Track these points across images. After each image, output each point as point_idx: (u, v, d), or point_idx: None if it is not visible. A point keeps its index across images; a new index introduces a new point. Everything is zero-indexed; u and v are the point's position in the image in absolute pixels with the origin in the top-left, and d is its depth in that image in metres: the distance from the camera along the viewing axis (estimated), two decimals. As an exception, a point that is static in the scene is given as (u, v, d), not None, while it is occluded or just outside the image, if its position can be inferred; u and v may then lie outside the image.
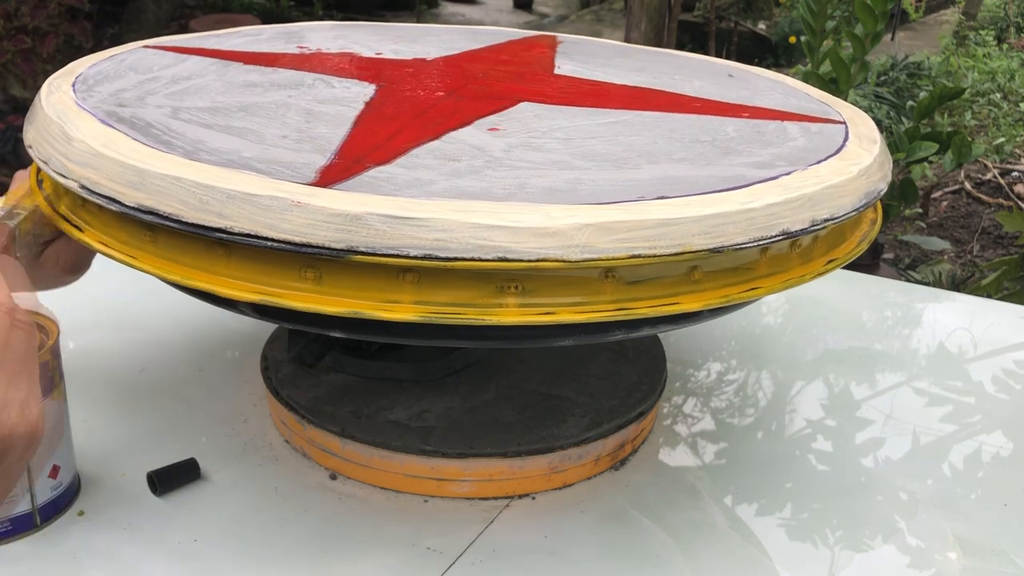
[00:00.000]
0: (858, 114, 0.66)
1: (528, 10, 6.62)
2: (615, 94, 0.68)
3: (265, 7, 4.99)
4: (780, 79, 0.76)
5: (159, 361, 0.76)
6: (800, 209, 0.49)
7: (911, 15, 5.15)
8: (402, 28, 0.90)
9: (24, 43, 2.92)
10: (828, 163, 0.54)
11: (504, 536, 0.59)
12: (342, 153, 0.52)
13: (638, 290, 0.48)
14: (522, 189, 0.48)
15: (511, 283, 0.46)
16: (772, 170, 0.53)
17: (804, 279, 0.52)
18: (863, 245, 0.58)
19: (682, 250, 0.46)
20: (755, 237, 0.47)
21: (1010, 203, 2.91)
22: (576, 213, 0.45)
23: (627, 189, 0.49)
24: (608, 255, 0.45)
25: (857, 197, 0.53)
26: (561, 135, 0.57)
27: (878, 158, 0.57)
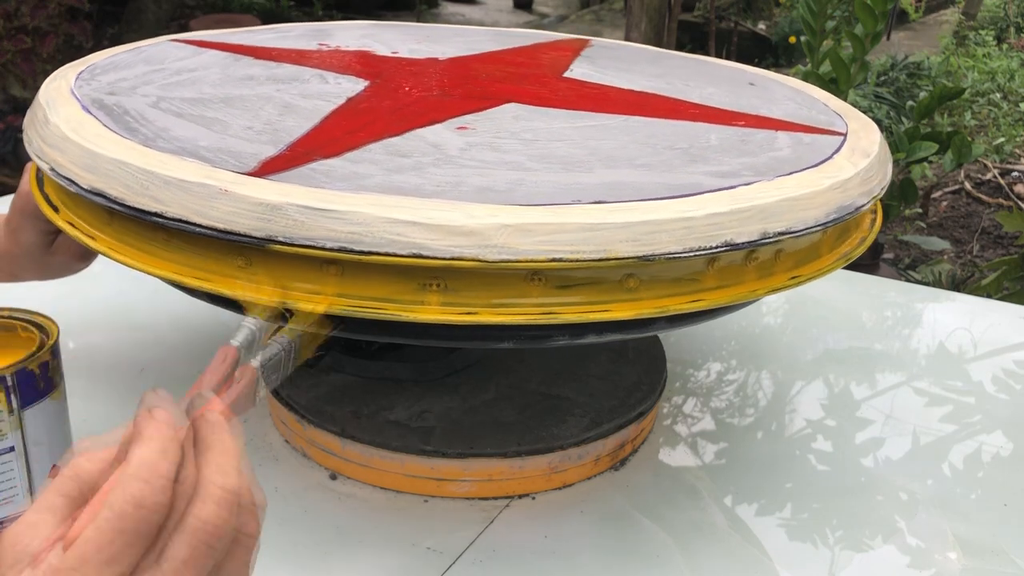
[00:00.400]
0: (866, 127, 0.63)
1: (528, 10, 6.62)
2: (615, 99, 0.67)
3: (265, 7, 4.99)
4: (802, 89, 0.74)
5: (159, 361, 0.76)
6: (748, 220, 0.47)
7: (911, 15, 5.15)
8: (432, 29, 0.90)
9: (24, 43, 2.92)
10: (801, 175, 0.52)
11: (504, 536, 0.59)
12: (295, 145, 0.53)
13: (567, 295, 0.46)
14: (456, 187, 0.48)
15: (433, 281, 0.46)
16: (734, 179, 0.51)
17: (757, 294, 0.50)
18: (839, 263, 0.55)
19: (607, 256, 0.44)
20: (691, 247, 0.46)
21: (1010, 203, 2.91)
22: (498, 213, 0.44)
23: (566, 192, 0.48)
24: (527, 257, 0.44)
25: (825, 211, 0.50)
26: (529, 136, 0.57)
27: (863, 172, 0.54)
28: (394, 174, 0.49)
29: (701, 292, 0.49)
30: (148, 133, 0.53)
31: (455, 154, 0.53)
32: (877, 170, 0.56)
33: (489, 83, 0.69)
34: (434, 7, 6.27)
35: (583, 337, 0.50)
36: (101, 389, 0.72)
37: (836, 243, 0.56)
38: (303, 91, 0.64)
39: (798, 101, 0.69)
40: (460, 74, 0.71)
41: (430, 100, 0.64)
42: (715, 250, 0.46)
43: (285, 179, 0.47)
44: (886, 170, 0.58)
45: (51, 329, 0.57)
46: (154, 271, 0.49)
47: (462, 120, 0.59)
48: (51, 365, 0.55)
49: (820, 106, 0.69)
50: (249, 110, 0.59)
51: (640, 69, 0.76)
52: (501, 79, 0.70)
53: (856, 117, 0.66)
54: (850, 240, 0.58)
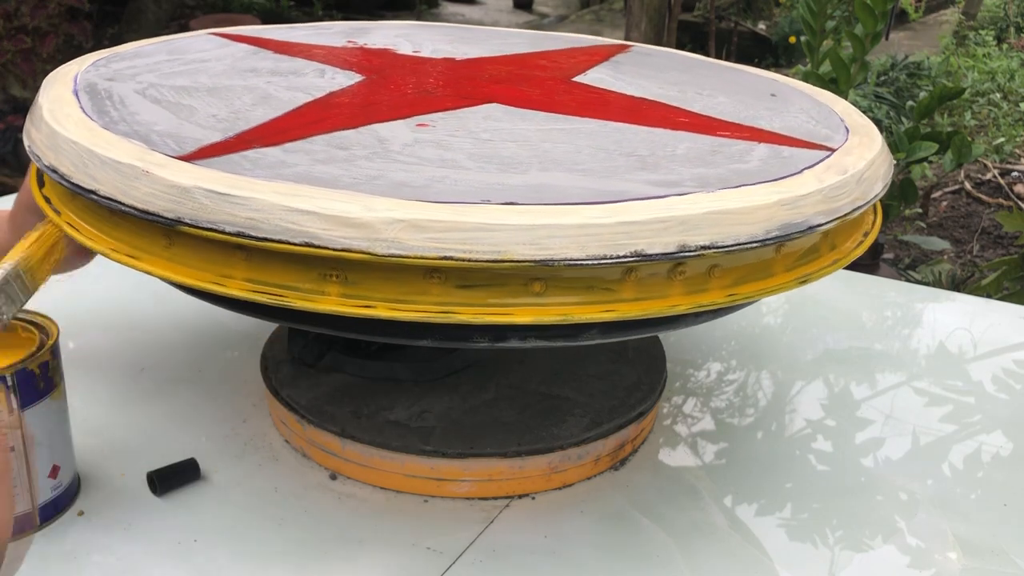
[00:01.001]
0: (863, 144, 0.59)
1: (528, 10, 6.62)
2: (610, 104, 0.66)
3: (265, 7, 4.99)
4: (827, 102, 0.70)
5: (159, 361, 0.76)
6: (665, 231, 0.45)
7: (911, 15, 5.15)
8: (469, 30, 0.90)
9: (24, 43, 2.92)
10: (751, 188, 0.50)
11: (504, 536, 0.59)
12: (244, 133, 0.54)
13: (467, 295, 0.46)
14: (372, 180, 0.48)
15: (333, 272, 0.46)
16: (671, 188, 0.49)
17: (677, 308, 0.48)
18: (793, 284, 0.52)
19: (503, 258, 0.44)
20: (594, 254, 0.44)
21: (1010, 203, 2.91)
22: (396, 208, 0.44)
23: (483, 191, 0.47)
24: (418, 253, 0.44)
25: (765, 227, 0.48)
26: (486, 136, 0.57)
27: (828, 190, 0.51)
28: (319, 165, 0.50)
29: (615, 303, 0.47)
30: (115, 116, 0.55)
31: (396, 149, 0.53)
32: (852, 189, 0.53)
33: (484, 83, 0.69)
34: (434, 7, 6.27)
35: (505, 340, 0.50)
36: (101, 389, 0.72)
37: (796, 262, 0.53)
38: (293, 84, 0.65)
39: (812, 114, 0.66)
40: (461, 74, 0.71)
41: (409, 97, 0.64)
42: (623, 259, 0.45)
43: (210, 164, 0.49)
44: (866, 189, 0.54)
45: (51, 329, 0.57)
46: (96, 247, 0.52)
47: (428, 117, 0.59)
48: (51, 365, 0.55)
49: (835, 121, 0.65)
50: (226, 99, 0.61)
51: (662, 76, 0.75)
52: (500, 80, 0.70)
53: (865, 134, 0.62)
54: (818, 260, 0.54)
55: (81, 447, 0.61)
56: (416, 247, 0.44)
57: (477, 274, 0.46)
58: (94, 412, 0.68)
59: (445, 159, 0.52)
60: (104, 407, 0.69)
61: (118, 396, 0.71)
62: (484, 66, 0.74)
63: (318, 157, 0.51)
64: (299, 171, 0.49)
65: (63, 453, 0.58)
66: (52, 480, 0.57)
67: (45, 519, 0.57)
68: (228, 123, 0.56)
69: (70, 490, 0.59)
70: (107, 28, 4.17)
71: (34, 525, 0.56)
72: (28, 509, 0.56)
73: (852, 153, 0.57)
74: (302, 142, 0.53)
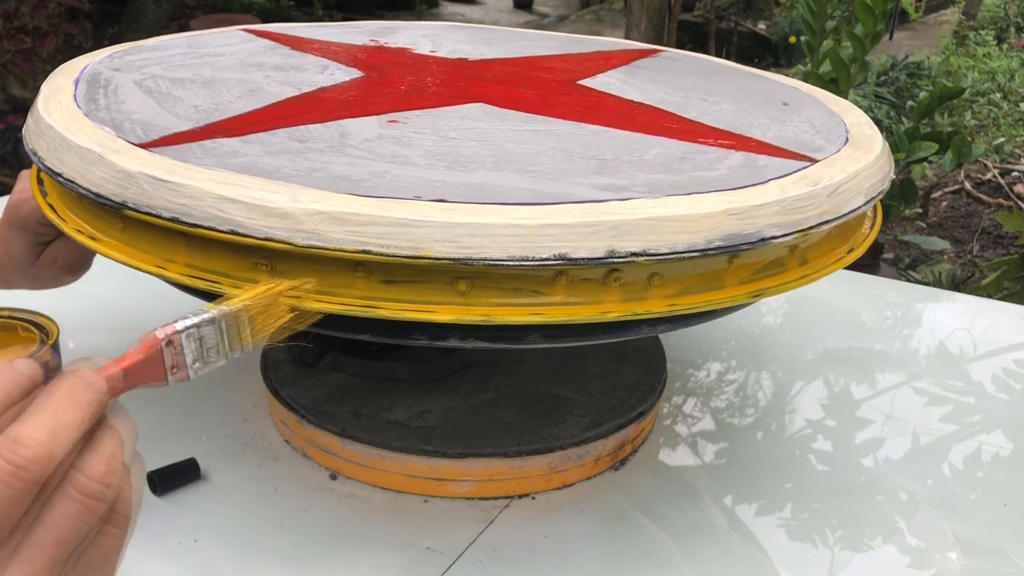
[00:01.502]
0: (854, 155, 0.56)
1: (528, 10, 6.62)
2: (606, 108, 0.65)
3: (265, 7, 4.99)
4: (841, 112, 0.67)
5: (159, 361, 0.76)
6: (593, 236, 0.45)
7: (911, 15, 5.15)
8: (498, 32, 0.90)
9: (24, 43, 2.92)
10: (701, 196, 0.48)
11: (504, 536, 0.59)
12: (213, 124, 0.56)
13: (391, 291, 0.46)
14: (312, 173, 0.48)
15: (264, 261, 0.46)
16: (616, 193, 0.48)
17: (609, 315, 0.47)
18: (744, 298, 0.50)
19: (421, 255, 0.44)
20: (515, 256, 0.44)
21: (1010, 203, 2.91)
22: (322, 200, 0.45)
23: (420, 188, 0.47)
24: (336, 246, 0.44)
25: (706, 236, 0.46)
26: (453, 135, 0.56)
27: (789, 201, 0.49)
28: (268, 156, 0.51)
29: (544, 306, 0.47)
30: (101, 104, 0.57)
31: (355, 144, 0.54)
32: (820, 202, 0.51)
33: (481, 84, 0.69)
34: (434, 7, 6.27)
35: (444, 339, 0.50)
36: (101, 389, 0.72)
37: (754, 275, 0.51)
38: (288, 79, 0.66)
39: (817, 124, 0.64)
40: (463, 74, 0.71)
41: (396, 95, 0.64)
42: (547, 262, 0.44)
43: (164, 152, 0.50)
44: (840, 203, 0.52)
45: (51, 329, 0.57)
46: (65, 228, 0.54)
47: (404, 115, 0.60)
48: (51, 365, 0.55)
49: (838, 132, 0.62)
50: (216, 91, 0.62)
51: (675, 81, 0.74)
52: (501, 81, 0.70)
53: (864, 145, 0.59)
54: (781, 274, 0.52)
55: (81, 447, 0.61)
56: (335, 239, 0.44)
57: (402, 270, 0.46)
58: (94, 412, 0.68)
59: (398, 155, 0.52)
60: (104, 407, 0.69)
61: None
62: (492, 67, 0.74)
63: (272, 149, 0.52)
64: (245, 161, 0.50)
65: (63, 453, 0.57)
66: (52, 480, 0.57)
67: (45, 519, 0.57)
68: (205, 113, 0.57)
69: (70, 490, 0.59)
70: (107, 28, 4.17)
71: (34, 525, 0.56)
72: (28, 509, 0.55)
73: (835, 165, 0.54)
74: (265, 134, 0.54)
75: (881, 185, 0.56)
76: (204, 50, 0.73)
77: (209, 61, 0.70)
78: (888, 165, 0.59)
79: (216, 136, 0.53)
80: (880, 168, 0.57)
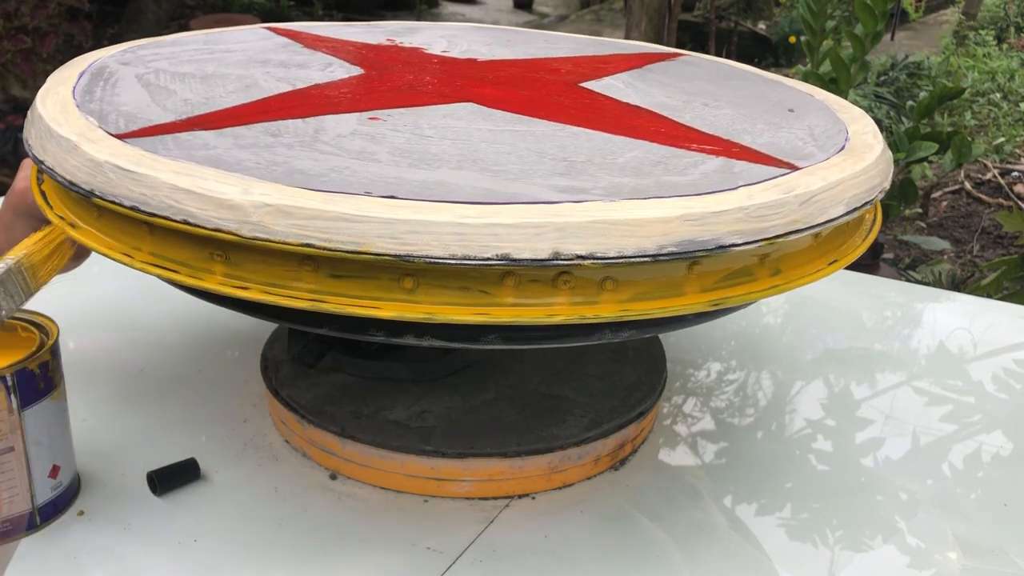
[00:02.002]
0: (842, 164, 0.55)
1: (528, 10, 6.62)
2: (598, 110, 0.65)
3: (265, 7, 4.99)
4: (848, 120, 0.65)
5: (159, 361, 0.76)
6: (538, 237, 0.44)
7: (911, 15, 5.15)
8: (519, 33, 0.89)
9: (24, 43, 2.92)
10: (660, 200, 0.47)
11: (504, 536, 0.59)
12: (195, 117, 0.57)
13: (338, 286, 0.46)
14: (272, 166, 0.49)
15: (219, 252, 0.47)
16: (574, 195, 0.48)
17: (556, 318, 0.47)
18: (702, 307, 0.49)
19: (362, 250, 0.44)
20: (456, 254, 0.44)
21: (1010, 203, 2.91)
22: (270, 193, 0.45)
23: (374, 184, 0.48)
24: (280, 239, 0.45)
25: (657, 242, 0.46)
26: (431, 133, 0.56)
27: (753, 208, 0.48)
28: (235, 149, 0.51)
29: (490, 307, 0.46)
30: (96, 96, 0.59)
31: (326, 140, 0.54)
32: (791, 211, 0.49)
33: (478, 84, 0.68)
34: (434, 7, 6.27)
35: (401, 336, 0.50)
36: (101, 389, 0.72)
37: (718, 283, 0.50)
38: (287, 75, 0.67)
39: (816, 132, 0.62)
40: (465, 74, 0.71)
41: (386, 93, 0.65)
42: (489, 262, 0.44)
43: (136, 143, 0.51)
44: (813, 212, 0.50)
45: (51, 329, 0.57)
46: (50, 215, 0.55)
47: (387, 112, 0.60)
48: (51, 365, 0.55)
49: (836, 140, 0.60)
50: (211, 86, 0.63)
51: (682, 85, 0.73)
52: (500, 82, 0.70)
53: (856, 154, 0.57)
54: (749, 284, 0.51)
55: (81, 447, 0.61)
56: (280, 232, 0.45)
57: (348, 265, 0.46)
58: (94, 412, 0.68)
59: (365, 151, 0.52)
60: (104, 407, 0.69)
61: (118, 396, 0.71)
62: (498, 68, 0.74)
63: (243, 142, 0.53)
64: (211, 154, 0.50)
65: (63, 453, 0.57)
66: (52, 480, 0.57)
67: (45, 519, 0.57)
68: (193, 107, 0.58)
69: (70, 490, 0.59)
70: (107, 28, 4.17)
71: (34, 525, 0.56)
72: (28, 509, 0.56)
73: (817, 173, 0.53)
74: (242, 128, 0.55)
75: (868, 196, 0.54)
76: (218, 46, 0.74)
77: (218, 57, 0.70)
78: (881, 176, 0.57)
79: (194, 129, 0.54)
80: (868, 178, 0.55)
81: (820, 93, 0.74)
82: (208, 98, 0.60)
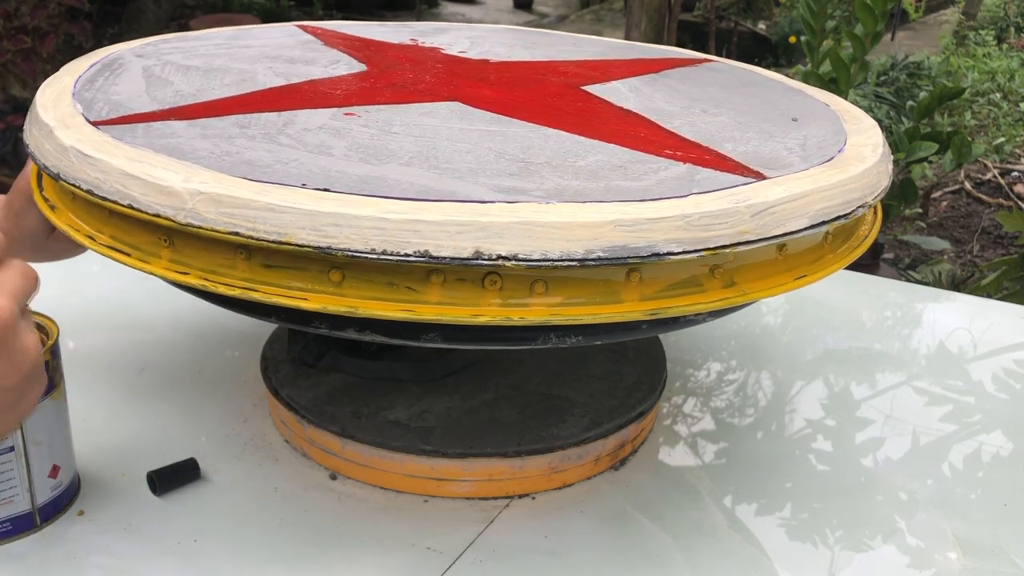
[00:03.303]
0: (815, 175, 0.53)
1: (528, 10, 6.62)
2: (589, 113, 0.64)
3: (265, 7, 4.99)
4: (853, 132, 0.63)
5: (159, 361, 0.76)
6: (460, 235, 0.44)
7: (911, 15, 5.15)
8: (546, 35, 0.88)
9: (24, 43, 2.92)
10: (597, 204, 0.47)
11: (504, 536, 0.59)
12: (176, 108, 0.58)
13: (269, 275, 0.47)
14: (223, 156, 0.50)
15: (165, 237, 0.49)
16: (514, 195, 0.47)
17: (480, 319, 0.46)
18: (637, 315, 0.48)
19: (285, 240, 0.45)
20: (376, 249, 0.44)
21: (1010, 203, 2.91)
22: (209, 181, 0.46)
23: (315, 177, 0.48)
24: (210, 225, 0.46)
25: (585, 246, 0.45)
26: (397, 130, 0.57)
27: (696, 217, 0.47)
28: (197, 140, 0.53)
29: (415, 304, 0.47)
30: (97, 86, 0.61)
31: (291, 133, 0.55)
32: (740, 221, 0.48)
33: (472, 84, 0.68)
34: (434, 7, 6.27)
35: (343, 329, 0.50)
36: (101, 389, 0.72)
37: (660, 292, 0.49)
38: (288, 70, 0.68)
39: (809, 142, 0.60)
40: (465, 73, 0.71)
41: (375, 89, 0.65)
42: (408, 258, 0.44)
43: (107, 130, 0.53)
44: (768, 223, 0.48)
45: (51, 329, 0.57)
46: (36, 198, 0.58)
47: (365, 108, 0.60)
48: (51, 365, 0.55)
49: (826, 152, 0.58)
50: (210, 79, 0.65)
51: (691, 91, 0.71)
52: (498, 83, 0.70)
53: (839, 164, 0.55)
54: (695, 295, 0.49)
55: (81, 447, 0.61)
56: (211, 219, 0.46)
57: (279, 255, 0.47)
58: (94, 412, 0.68)
59: (323, 145, 0.53)
60: (104, 407, 0.69)
61: (118, 396, 0.71)
62: (506, 69, 0.74)
63: (208, 132, 0.54)
64: (172, 142, 0.52)
65: (63, 453, 0.58)
66: (52, 480, 0.57)
67: (45, 519, 0.57)
68: (181, 98, 0.60)
69: (70, 490, 0.59)
70: (107, 28, 4.17)
71: (34, 525, 0.56)
72: (28, 509, 0.56)
73: (783, 184, 0.51)
74: (215, 119, 0.56)
75: (841, 210, 0.52)
76: (239, 43, 0.75)
77: (233, 52, 0.72)
78: (863, 190, 0.54)
79: (169, 119, 0.56)
80: (844, 191, 0.52)
81: (838, 103, 0.71)
82: (200, 90, 0.62)
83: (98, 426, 0.67)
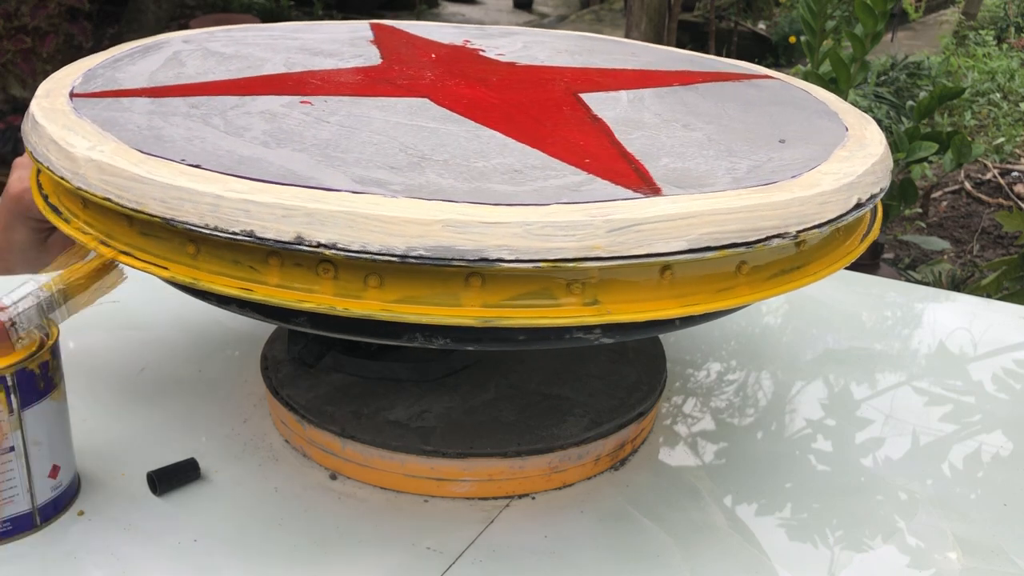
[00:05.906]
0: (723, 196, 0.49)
1: (528, 10, 6.62)
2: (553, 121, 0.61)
3: (265, 7, 4.99)
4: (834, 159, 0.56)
5: (159, 361, 0.76)
6: (285, 219, 0.45)
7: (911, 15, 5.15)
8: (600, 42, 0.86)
9: (24, 43, 2.92)
10: (440, 203, 0.46)
11: (504, 536, 0.59)
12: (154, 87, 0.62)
13: (142, 242, 0.51)
14: (143, 131, 0.53)
15: (79, 202, 0.53)
16: (370, 187, 0.47)
17: (306, 304, 0.47)
18: (471, 321, 0.47)
19: (140, 209, 0.48)
20: (208, 224, 0.46)
21: (1010, 203, 2.91)
22: (105, 152, 0.50)
23: (201, 155, 0.50)
24: (92, 190, 0.49)
25: (406, 242, 0.44)
26: (336, 119, 0.58)
27: (537, 225, 0.45)
28: (140, 116, 0.56)
29: (255, 284, 0.48)
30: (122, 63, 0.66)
31: (229, 116, 0.57)
32: (594, 235, 0.45)
33: (464, 84, 0.67)
34: (434, 7, 6.27)
35: (227, 305, 0.52)
36: (101, 389, 0.72)
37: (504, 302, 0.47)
38: (302, 61, 0.71)
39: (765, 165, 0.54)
40: (466, 73, 0.71)
41: (358, 82, 0.67)
42: (233, 236, 0.46)
43: (77, 102, 0.58)
44: (629, 240, 0.46)
45: (51, 329, 0.57)
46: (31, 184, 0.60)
47: (326, 98, 0.62)
48: (51, 365, 0.55)
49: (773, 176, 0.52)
50: (223, 64, 0.68)
51: (696, 106, 0.66)
52: (492, 85, 0.69)
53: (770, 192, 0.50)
54: (542, 309, 0.47)
55: (81, 447, 0.61)
56: (94, 185, 0.49)
57: (149, 225, 0.49)
58: (94, 412, 0.68)
59: (243, 127, 0.55)
60: (104, 407, 0.69)
61: (118, 396, 0.71)
62: (515, 72, 0.73)
63: (157, 110, 0.57)
64: (115, 115, 0.55)
65: (63, 453, 0.57)
66: (52, 480, 0.57)
67: (45, 519, 0.57)
68: (175, 79, 0.63)
69: (70, 490, 0.59)
70: (107, 28, 4.17)
71: (34, 525, 0.56)
72: (28, 509, 0.56)
73: (678, 202, 0.47)
74: (176, 99, 0.59)
75: (738, 236, 0.47)
76: (295, 35, 0.79)
77: (278, 44, 0.75)
78: (781, 218, 0.49)
79: (138, 96, 0.59)
80: (751, 218, 0.48)
81: (860, 129, 0.63)
82: (200, 73, 0.65)
83: (98, 426, 0.67)
